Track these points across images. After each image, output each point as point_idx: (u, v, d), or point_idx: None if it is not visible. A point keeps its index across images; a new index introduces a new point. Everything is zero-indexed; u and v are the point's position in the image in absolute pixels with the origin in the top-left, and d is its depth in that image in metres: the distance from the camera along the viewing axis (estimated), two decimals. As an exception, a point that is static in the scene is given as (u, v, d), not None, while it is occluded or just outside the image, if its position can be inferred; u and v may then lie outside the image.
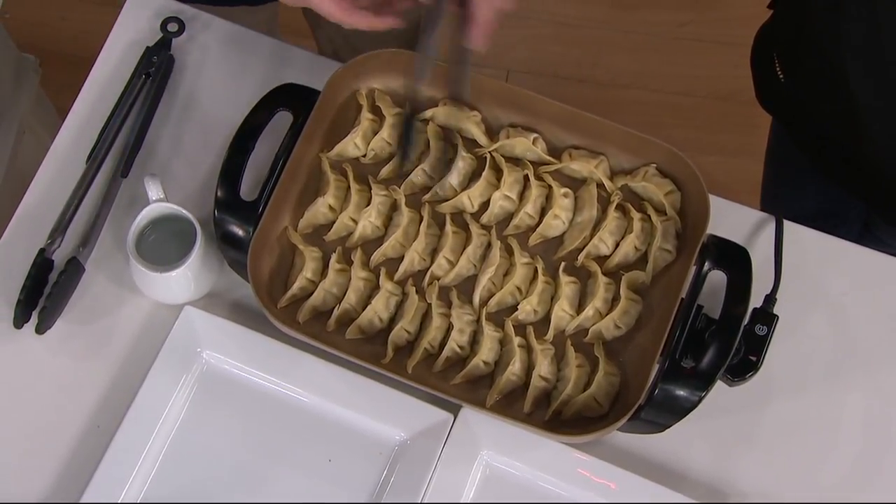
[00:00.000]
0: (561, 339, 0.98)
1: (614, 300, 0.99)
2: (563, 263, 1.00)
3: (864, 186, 1.15)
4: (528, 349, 0.98)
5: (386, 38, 1.35)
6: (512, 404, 0.97)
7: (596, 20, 2.19)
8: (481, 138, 1.04)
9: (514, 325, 0.98)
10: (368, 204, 1.02)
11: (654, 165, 1.02)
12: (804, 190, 1.31)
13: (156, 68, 1.09)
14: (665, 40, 2.18)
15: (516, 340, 0.97)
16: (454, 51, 0.93)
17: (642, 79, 2.14)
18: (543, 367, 0.96)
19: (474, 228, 1.01)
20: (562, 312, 0.98)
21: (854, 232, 1.32)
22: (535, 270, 1.00)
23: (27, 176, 1.28)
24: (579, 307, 0.99)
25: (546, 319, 0.99)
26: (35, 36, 2.06)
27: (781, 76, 1.14)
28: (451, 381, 0.97)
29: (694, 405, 0.91)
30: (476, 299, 1.00)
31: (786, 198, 1.36)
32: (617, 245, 1.01)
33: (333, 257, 1.00)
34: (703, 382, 0.91)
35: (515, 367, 0.96)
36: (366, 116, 1.04)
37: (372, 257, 1.01)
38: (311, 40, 1.47)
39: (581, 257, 1.01)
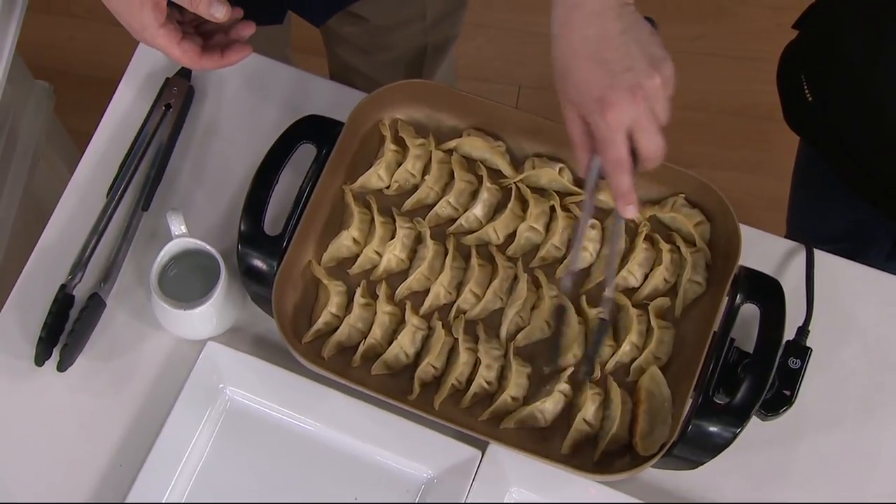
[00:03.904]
0: (602, 377, 0.97)
1: (647, 332, 0.97)
2: (583, 297, 0.99)
3: None
4: (572, 390, 0.96)
5: (395, 63, 1.35)
6: (541, 441, 0.95)
7: (607, 35, 2.17)
8: (506, 169, 1.03)
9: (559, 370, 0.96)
10: (393, 237, 1.01)
11: (683, 196, 1.01)
12: (833, 210, 1.30)
13: (175, 99, 1.08)
14: (676, 54, 2.14)
15: (562, 387, 0.95)
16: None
17: (654, 94, 2.13)
18: (590, 411, 0.94)
19: (500, 261, 1.00)
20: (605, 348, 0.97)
21: (884, 252, 1.31)
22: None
23: (43, 204, 1.27)
24: (614, 341, 0.98)
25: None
26: (44, 57, 2.05)
27: (810, 97, 1.13)
28: (478, 417, 0.95)
29: (728, 442, 0.90)
30: (503, 333, 0.98)
31: (815, 218, 1.35)
32: (646, 277, 1.00)
33: (358, 291, 0.99)
34: (737, 419, 0.90)
35: (546, 405, 0.94)
36: (389, 148, 1.03)
37: (397, 291, 1.00)
38: (321, 57, 1.46)
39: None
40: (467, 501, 0.94)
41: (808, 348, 0.96)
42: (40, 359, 0.99)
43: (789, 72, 1.18)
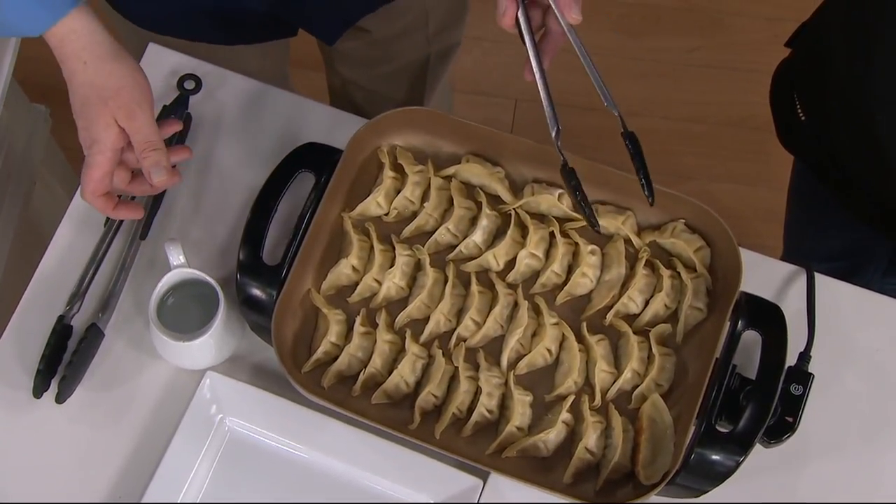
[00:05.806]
0: (604, 404, 0.96)
1: (649, 358, 0.97)
2: (583, 324, 0.98)
3: (892, 225, 1.14)
4: (573, 418, 0.96)
5: (397, 74, 1.34)
6: (542, 470, 0.95)
7: (604, 48, 2.17)
8: (505, 195, 1.03)
9: (561, 397, 0.96)
10: (392, 264, 1.00)
11: (683, 221, 1.01)
12: (829, 228, 1.29)
13: (173, 126, 1.07)
14: (674, 67, 2.17)
15: (565, 417, 0.94)
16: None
17: (652, 106, 2.13)
18: (592, 439, 0.94)
19: (500, 288, 0.99)
20: (603, 374, 0.96)
21: (881, 268, 1.31)
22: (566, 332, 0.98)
23: (40, 228, 1.26)
24: (615, 368, 0.97)
25: (586, 384, 0.97)
26: (42, 73, 2.04)
27: (803, 117, 1.13)
28: (481, 447, 0.95)
29: (732, 470, 0.90)
30: (504, 361, 0.98)
31: (811, 236, 1.34)
32: (646, 303, 0.99)
33: (358, 320, 0.98)
34: (740, 447, 0.90)
35: (550, 437, 0.94)
36: (388, 174, 1.03)
37: (397, 319, 0.99)
38: (320, 72, 1.45)
39: (610, 316, 0.99)
40: (469, 531, 0.94)
41: (811, 374, 0.96)
42: (38, 391, 0.99)
43: (782, 90, 1.18)
